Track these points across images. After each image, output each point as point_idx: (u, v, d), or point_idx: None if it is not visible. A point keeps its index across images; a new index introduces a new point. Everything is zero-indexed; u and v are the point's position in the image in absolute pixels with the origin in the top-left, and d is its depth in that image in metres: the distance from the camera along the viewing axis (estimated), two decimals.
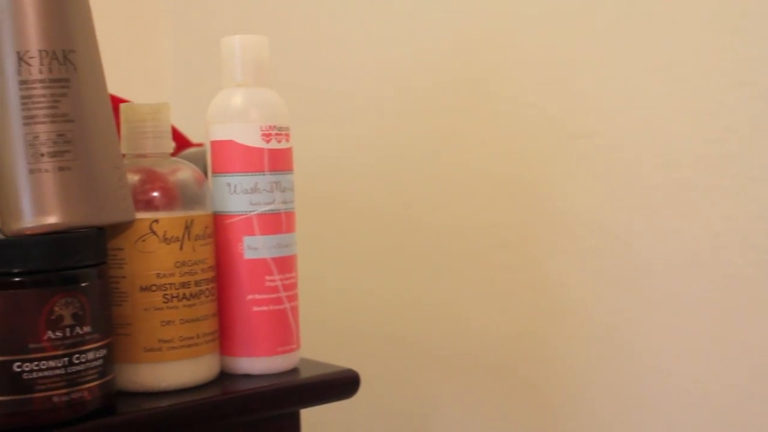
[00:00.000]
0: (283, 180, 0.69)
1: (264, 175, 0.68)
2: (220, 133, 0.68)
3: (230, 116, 0.68)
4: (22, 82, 0.58)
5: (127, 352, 0.64)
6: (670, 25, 0.81)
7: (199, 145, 0.87)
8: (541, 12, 0.90)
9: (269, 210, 0.68)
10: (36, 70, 0.58)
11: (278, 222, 0.69)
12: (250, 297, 0.68)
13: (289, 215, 0.70)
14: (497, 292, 0.95)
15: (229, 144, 0.68)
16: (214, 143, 0.68)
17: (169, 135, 0.67)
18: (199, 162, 0.77)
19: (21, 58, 0.58)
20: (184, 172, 0.66)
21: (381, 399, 1.07)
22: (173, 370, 0.65)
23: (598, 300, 0.88)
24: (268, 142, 0.68)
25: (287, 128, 0.69)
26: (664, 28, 0.82)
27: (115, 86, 0.68)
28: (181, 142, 0.87)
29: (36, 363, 0.56)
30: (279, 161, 0.69)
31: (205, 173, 0.69)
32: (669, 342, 0.83)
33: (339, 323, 1.11)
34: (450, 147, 0.99)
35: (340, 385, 0.70)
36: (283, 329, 0.69)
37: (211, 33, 1.32)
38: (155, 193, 0.65)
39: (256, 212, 0.68)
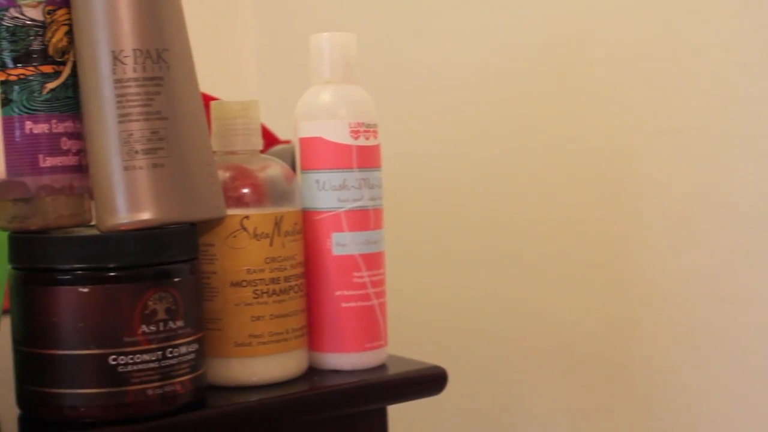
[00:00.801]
0: (371, 177, 0.69)
1: (352, 171, 0.68)
2: (309, 130, 0.68)
3: (318, 113, 0.68)
4: (117, 81, 0.59)
5: (218, 346, 0.64)
6: (760, 18, 0.79)
7: (287, 142, 0.88)
8: (628, 7, 0.89)
9: (357, 206, 0.68)
10: (130, 69, 0.59)
11: (366, 218, 0.69)
12: (338, 293, 0.68)
13: (377, 212, 0.70)
14: (583, 288, 0.94)
15: (317, 141, 0.68)
16: (302, 140, 0.69)
17: (259, 132, 0.68)
18: (286, 159, 0.77)
19: (116, 58, 0.59)
20: (273, 169, 0.67)
21: (468, 395, 1.06)
22: (263, 365, 0.65)
23: (687, 296, 0.86)
24: (356, 138, 0.68)
25: (375, 125, 0.70)
26: (752, 22, 0.80)
27: (200, 84, 0.69)
28: (269, 139, 0.87)
29: (131, 356, 0.57)
30: (367, 158, 0.69)
31: (293, 170, 0.70)
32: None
33: (426, 319, 1.11)
34: (536, 144, 0.98)
35: (428, 381, 0.70)
36: (371, 325, 0.69)
37: (294, 31, 1.33)
38: (245, 190, 0.65)
39: (344, 209, 0.68)
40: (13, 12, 0.59)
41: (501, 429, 1.05)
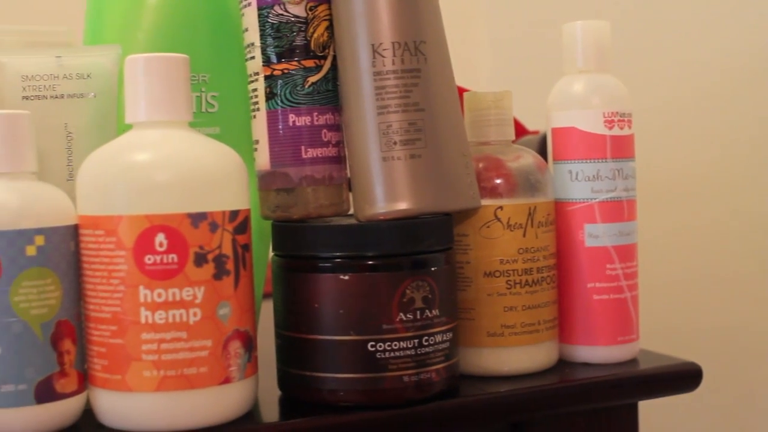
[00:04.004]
0: (625, 167, 0.68)
1: (606, 162, 0.67)
2: (562, 120, 0.68)
3: (572, 103, 0.68)
4: (376, 74, 0.60)
5: (470, 336, 0.65)
6: None
7: (535, 132, 0.87)
8: None
9: (611, 197, 0.67)
10: (389, 62, 0.60)
11: (620, 210, 0.67)
12: (590, 285, 0.67)
13: (631, 203, 0.68)
14: None
15: (570, 131, 0.67)
16: (555, 130, 0.68)
17: (512, 122, 0.68)
18: (532, 149, 0.77)
19: (375, 51, 0.60)
20: (526, 159, 0.67)
21: (718, 393, 1.03)
22: (514, 356, 0.65)
23: None
24: (610, 128, 0.67)
25: (629, 114, 0.68)
26: None
27: None
28: (517, 129, 0.87)
29: (388, 343, 0.58)
30: (621, 148, 0.67)
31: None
32: None
33: (675, 314, 1.08)
34: None
35: (682, 378, 0.68)
36: (624, 319, 0.68)
37: (526, 21, 1.32)
38: (498, 180, 0.65)
39: (597, 200, 0.67)
40: (277, 9, 0.61)
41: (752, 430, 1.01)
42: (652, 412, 0.81)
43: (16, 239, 0.54)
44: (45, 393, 0.55)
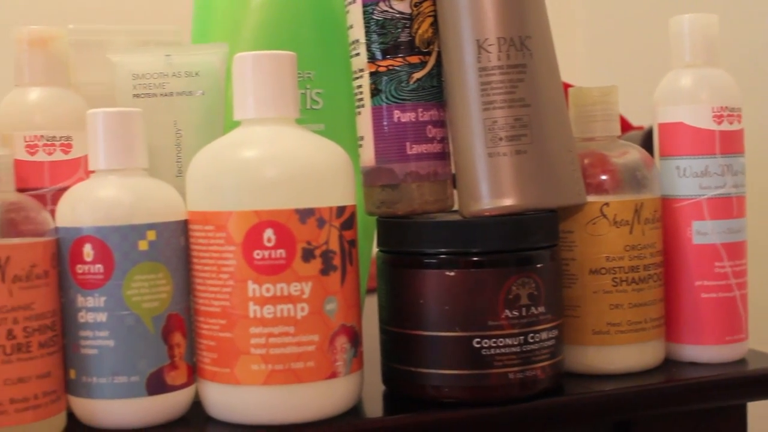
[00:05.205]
0: (735, 163, 0.66)
1: (715, 158, 0.66)
2: (669, 115, 0.67)
3: (679, 98, 0.67)
4: (482, 69, 0.60)
5: (575, 333, 0.64)
6: None
7: (639, 128, 0.86)
8: None
9: (720, 194, 0.66)
10: (494, 57, 0.60)
11: (729, 206, 0.66)
12: (698, 283, 0.66)
13: (740, 200, 0.67)
14: None
15: (678, 126, 0.66)
16: (662, 126, 0.67)
17: (618, 118, 0.67)
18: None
19: (480, 46, 0.60)
20: (632, 155, 0.66)
21: None
22: (620, 354, 0.64)
23: None
24: (719, 123, 0.66)
25: (739, 109, 0.67)
26: None
27: None
28: (621, 124, 0.86)
29: (494, 340, 0.58)
30: (730, 143, 0.66)
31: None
32: None
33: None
34: None
35: None
36: (732, 318, 0.67)
37: (623, 15, 1.30)
38: (604, 176, 0.65)
39: (706, 196, 0.66)
40: (382, 6, 0.61)
41: None
42: (764, 413, 0.79)
43: (129, 234, 0.55)
44: (156, 385, 0.56)
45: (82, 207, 0.56)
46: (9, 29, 0.64)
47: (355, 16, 0.62)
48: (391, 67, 0.61)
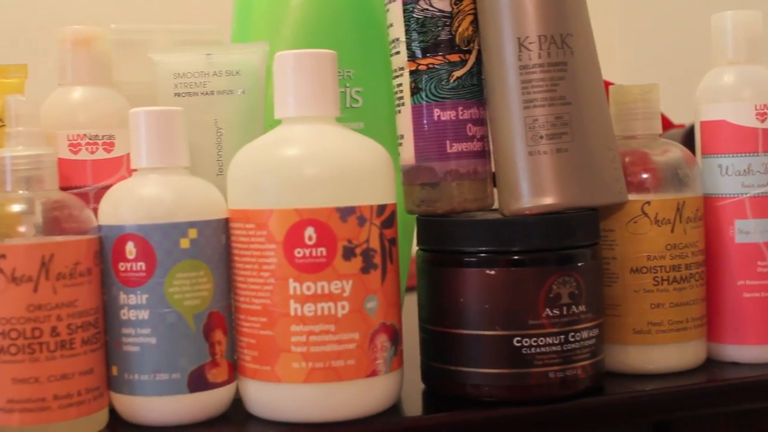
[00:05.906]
0: None
1: (758, 156, 0.65)
2: (711, 113, 0.66)
3: (722, 96, 0.66)
4: (522, 67, 0.60)
5: (616, 332, 0.64)
6: None
7: (680, 126, 0.86)
8: None
9: (763, 192, 0.65)
10: (535, 55, 0.60)
11: None
12: (740, 282, 0.66)
13: None
14: None
15: (720, 124, 0.66)
16: (704, 123, 0.67)
17: (659, 116, 0.66)
18: None
19: (521, 44, 0.60)
20: (674, 153, 0.65)
21: None
22: (661, 354, 0.64)
23: None
24: (762, 121, 0.65)
25: None
26: None
27: None
28: (662, 123, 0.85)
29: (534, 339, 0.57)
30: None
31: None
32: None
33: None
34: None
35: None
36: None
37: (657, 13, 1.29)
38: (646, 175, 0.64)
39: (748, 195, 0.65)
40: (422, 4, 0.61)
41: None
42: None
43: (171, 232, 0.55)
44: (197, 382, 0.56)
45: (124, 205, 0.56)
46: (52, 30, 0.65)
47: (395, 14, 0.62)
48: (431, 66, 0.61)
